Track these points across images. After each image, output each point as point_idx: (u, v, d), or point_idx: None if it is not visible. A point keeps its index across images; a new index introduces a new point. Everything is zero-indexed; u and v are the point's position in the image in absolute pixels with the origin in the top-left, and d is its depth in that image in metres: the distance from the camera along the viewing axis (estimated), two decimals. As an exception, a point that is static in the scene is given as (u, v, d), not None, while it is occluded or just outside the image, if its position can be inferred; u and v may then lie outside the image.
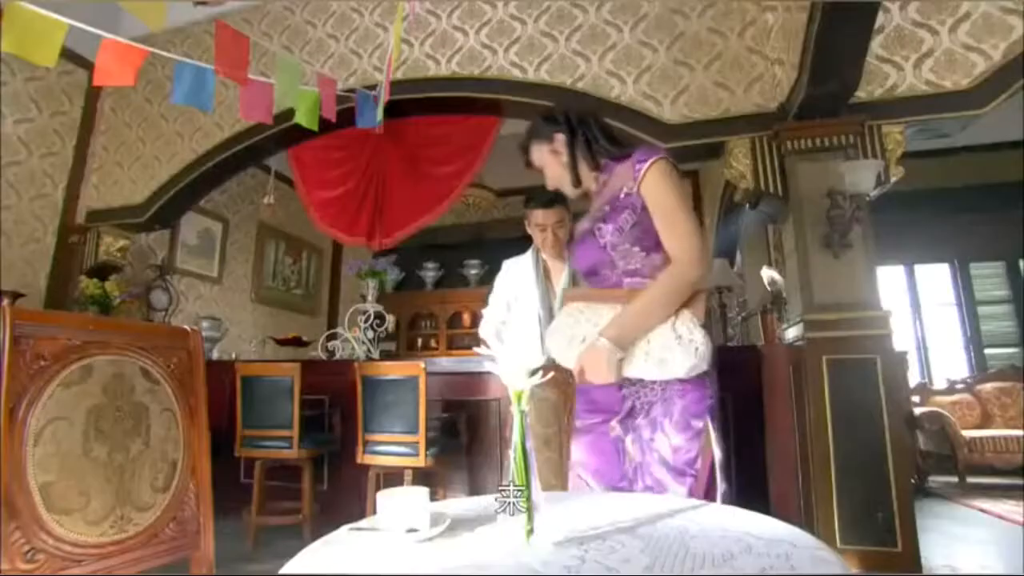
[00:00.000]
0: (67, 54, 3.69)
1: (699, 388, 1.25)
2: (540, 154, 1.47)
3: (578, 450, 1.37)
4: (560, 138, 1.43)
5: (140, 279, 4.45)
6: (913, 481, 3.99)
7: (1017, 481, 4.12)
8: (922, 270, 5.89)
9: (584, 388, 1.37)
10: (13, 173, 3.68)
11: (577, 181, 1.44)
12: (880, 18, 2.48)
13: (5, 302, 3.29)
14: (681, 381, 1.23)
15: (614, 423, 1.31)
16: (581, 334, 1.29)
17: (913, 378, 5.11)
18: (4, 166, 3.60)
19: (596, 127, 1.43)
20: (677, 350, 1.21)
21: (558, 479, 1.67)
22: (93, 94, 4.12)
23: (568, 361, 1.31)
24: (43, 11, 2.00)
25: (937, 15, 2.58)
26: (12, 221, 3.65)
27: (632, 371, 1.24)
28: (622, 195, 1.31)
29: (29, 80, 3.77)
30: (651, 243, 1.29)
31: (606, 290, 1.35)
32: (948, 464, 4.37)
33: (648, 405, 1.27)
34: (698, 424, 1.23)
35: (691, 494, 1.19)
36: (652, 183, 1.27)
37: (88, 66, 3.86)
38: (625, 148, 1.39)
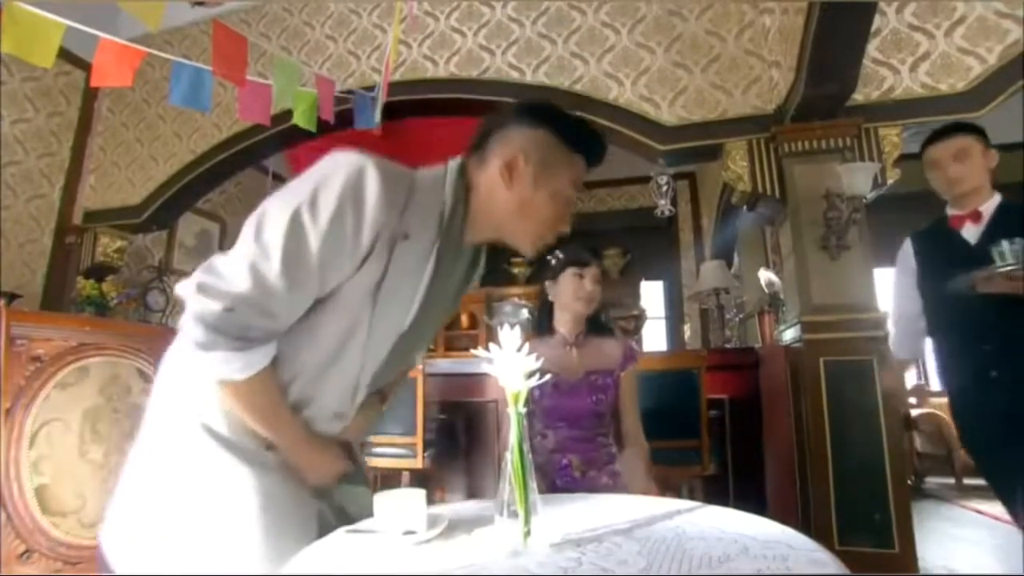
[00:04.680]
0: (64, 54, 3.69)
1: None
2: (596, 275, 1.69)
3: None
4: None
5: (137, 280, 4.43)
6: (910, 482, 4.00)
7: (1013, 482, 4.13)
8: (919, 272, 5.89)
9: None
10: (10, 174, 3.67)
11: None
12: (876, 21, 2.49)
13: (1, 303, 3.28)
14: None
15: None
16: None
17: (910, 380, 5.12)
18: (1, 167, 3.59)
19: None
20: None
21: None
22: (90, 94, 4.11)
23: None
24: (41, 12, 2.00)
25: (933, 18, 2.59)
26: (9, 222, 3.64)
27: None
28: (612, 375, 1.65)
29: (26, 80, 3.77)
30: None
31: None
32: (945, 465, 4.38)
33: None
34: None
35: None
36: (631, 379, 1.68)
37: (85, 66, 3.85)
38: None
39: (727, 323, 4.65)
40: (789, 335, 2.62)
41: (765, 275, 3.59)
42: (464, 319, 6.58)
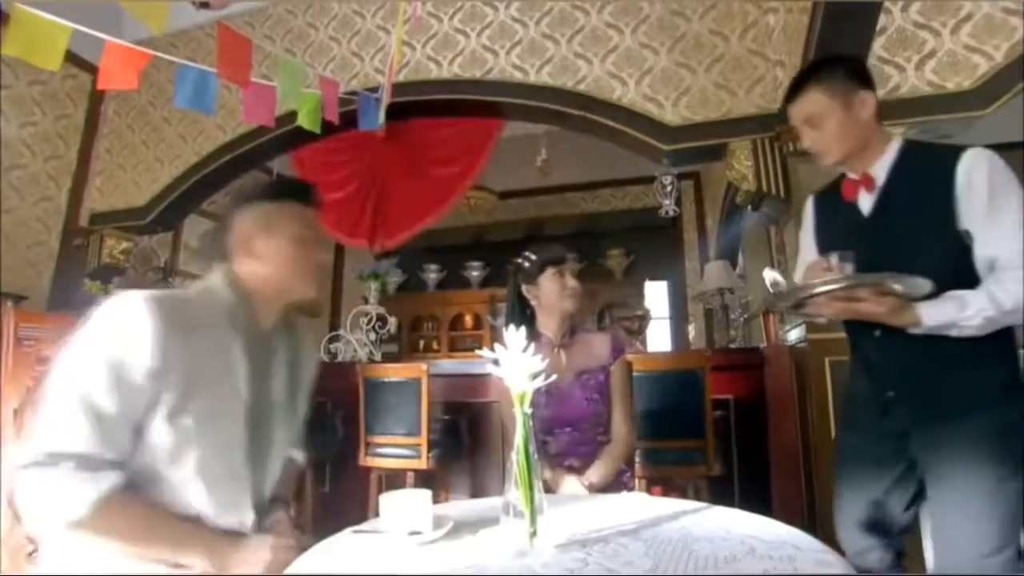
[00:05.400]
0: (70, 57, 3.70)
1: None
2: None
3: None
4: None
5: (143, 282, 4.45)
6: (917, 483, 3.94)
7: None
8: (925, 271, 5.85)
9: None
10: (16, 176, 3.69)
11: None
12: (882, 19, 2.47)
13: (9, 304, 3.30)
14: None
15: None
16: None
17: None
18: (7, 169, 3.61)
19: None
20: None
21: None
22: (96, 97, 4.13)
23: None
24: (47, 15, 2.01)
25: (939, 16, 2.57)
26: (15, 224, 3.66)
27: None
28: (602, 371, 1.63)
29: (33, 83, 3.79)
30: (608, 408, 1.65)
31: None
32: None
33: None
34: None
35: None
36: (622, 371, 1.66)
37: (91, 69, 3.87)
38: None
39: (732, 323, 4.63)
40: (794, 335, 2.61)
41: (770, 275, 3.57)
42: (468, 320, 6.59)
